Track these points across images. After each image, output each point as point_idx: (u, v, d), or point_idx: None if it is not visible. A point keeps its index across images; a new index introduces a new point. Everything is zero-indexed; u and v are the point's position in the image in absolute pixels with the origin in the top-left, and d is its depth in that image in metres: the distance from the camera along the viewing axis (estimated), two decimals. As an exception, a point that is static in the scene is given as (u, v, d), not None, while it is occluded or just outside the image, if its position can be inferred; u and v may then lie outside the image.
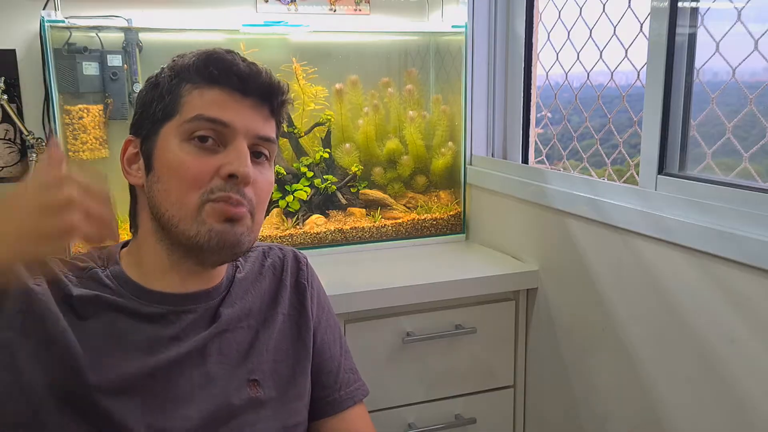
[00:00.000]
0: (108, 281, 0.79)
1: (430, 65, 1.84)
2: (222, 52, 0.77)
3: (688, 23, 1.13)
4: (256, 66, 0.78)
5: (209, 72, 0.75)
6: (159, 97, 0.77)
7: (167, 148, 0.75)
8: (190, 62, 0.77)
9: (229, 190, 0.74)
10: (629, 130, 1.32)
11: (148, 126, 0.77)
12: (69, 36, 1.47)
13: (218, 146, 0.75)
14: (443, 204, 1.78)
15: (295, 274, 0.92)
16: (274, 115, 0.80)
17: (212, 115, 0.74)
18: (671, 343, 1.10)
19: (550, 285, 1.43)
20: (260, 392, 0.82)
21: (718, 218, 1.01)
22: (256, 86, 0.76)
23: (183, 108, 0.75)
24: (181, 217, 0.74)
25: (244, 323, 0.84)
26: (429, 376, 1.42)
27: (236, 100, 0.75)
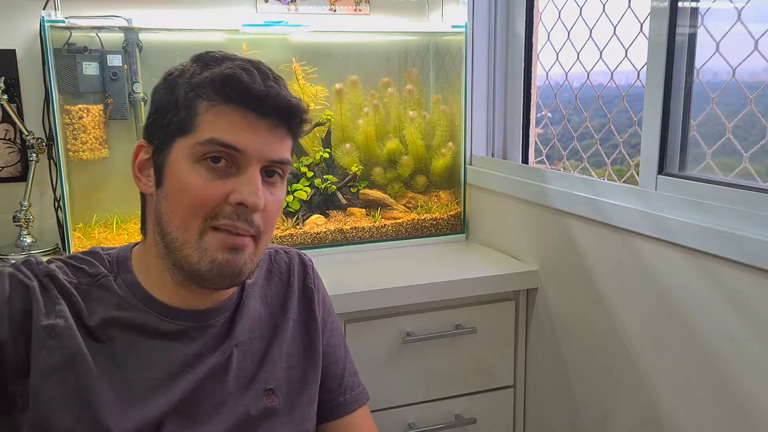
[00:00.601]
0: (120, 291, 0.77)
1: (430, 65, 1.84)
2: (240, 72, 0.73)
3: (688, 23, 1.13)
4: (275, 87, 0.74)
5: (226, 93, 0.73)
6: (174, 108, 0.74)
7: (179, 166, 0.73)
8: (208, 79, 0.73)
9: (236, 219, 0.72)
10: (629, 130, 1.32)
11: (161, 136, 0.75)
12: (69, 36, 1.47)
13: (230, 167, 0.73)
14: (443, 204, 1.78)
15: (302, 278, 0.91)
16: (291, 135, 0.78)
17: (226, 141, 0.72)
18: (671, 343, 1.10)
19: (550, 285, 1.43)
20: (275, 401, 0.82)
21: (718, 218, 1.01)
22: (273, 108, 0.74)
23: (198, 127, 0.73)
24: (184, 240, 0.73)
25: (256, 332, 0.83)
26: (429, 376, 1.42)
27: (251, 123, 0.73)
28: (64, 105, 1.48)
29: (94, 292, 0.76)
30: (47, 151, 1.56)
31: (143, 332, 0.76)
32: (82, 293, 0.76)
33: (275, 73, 0.77)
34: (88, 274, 0.77)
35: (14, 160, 1.59)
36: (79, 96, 1.49)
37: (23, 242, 1.50)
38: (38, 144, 1.53)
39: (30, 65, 1.55)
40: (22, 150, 1.58)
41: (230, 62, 0.75)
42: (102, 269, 0.78)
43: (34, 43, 1.55)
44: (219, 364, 0.78)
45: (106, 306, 0.76)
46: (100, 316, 0.75)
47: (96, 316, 0.75)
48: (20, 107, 1.56)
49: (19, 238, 1.51)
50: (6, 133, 1.57)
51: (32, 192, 1.53)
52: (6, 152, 1.58)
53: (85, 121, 1.49)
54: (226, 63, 0.75)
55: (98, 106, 1.51)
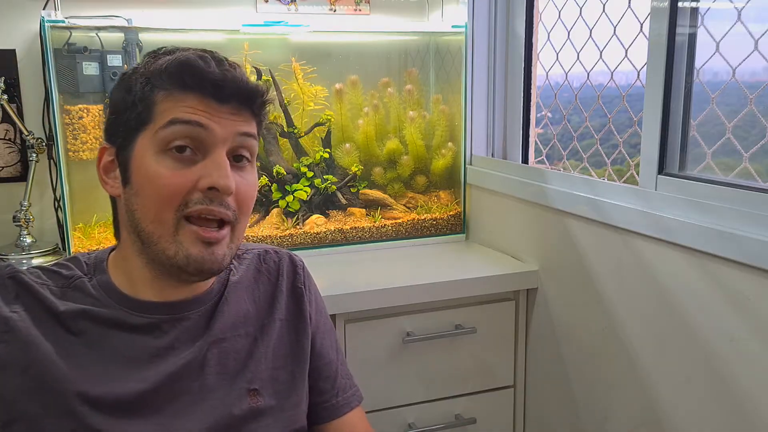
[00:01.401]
0: (94, 291, 0.77)
1: (430, 65, 1.84)
2: (195, 58, 0.72)
3: (688, 23, 1.13)
4: (232, 71, 0.73)
5: (182, 80, 0.71)
6: (132, 104, 0.73)
7: (144, 160, 0.72)
8: (161, 69, 0.72)
9: (209, 203, 0.71)
10: (629, 130, 1.32)
11: (122, 134, 0.74)
12: (69, 36, 1.47)
13: (196, 155, 0.72)
14: (443, 204, 1.78)
15: (292, 279, 0.90)
16: (254, 116, 0.77)
17: (188, 118, 0.71)
18: (671, 343, 1.10)
19: (550, 285, 1.43)
20: (260, 401, 0.81)
21: (718, 218, 1.01)
22: (232, 93, 0.73)
23: (157, 116, 0.72)
24: (160, 234, 0.72)
25: (241, 330, 0.82)
26: (429, 376, 1.42)
27: (212, 107, 0.72)
28: (64, 105, 1.48)
29: (68, 294, 0.76)
30: (47, 151, 1.56)
31: (113, 326, 0.76)
32: (55, 294, 0.76)
33: (231, 61, 0.76)
34: (63, 277, 0.78)
35: (14, 160, 1.59)
36: (79, 96, 1.49)
37: (23, 242, 1.50)
38: (38, 144, 1.53)
39: (30, 65, 1.55)
40: (22, 150, 1.58)
41: (185, 51, 0.74)
42: (77, 272, 0.78)
43: (34, 43, 1.55)
44: (195, 359, 0.78)
45: (78, 303, 0.76)
46: (71, 308, 0.75)
47: (68, 308, 0.75)
48: (20, 107, 1.56)
49: (19, 238, 1.51)
50: (6, 133, 1.57)
51: (32, 192, 1.53)
52: (6, 152, 1.58)
53: (85, 121, 1.49)
54: (180, 52, 0.74)
55: (98, 106, 1.51)
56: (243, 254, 0.89)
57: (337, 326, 1.33)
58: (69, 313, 0.75)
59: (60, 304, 0.75)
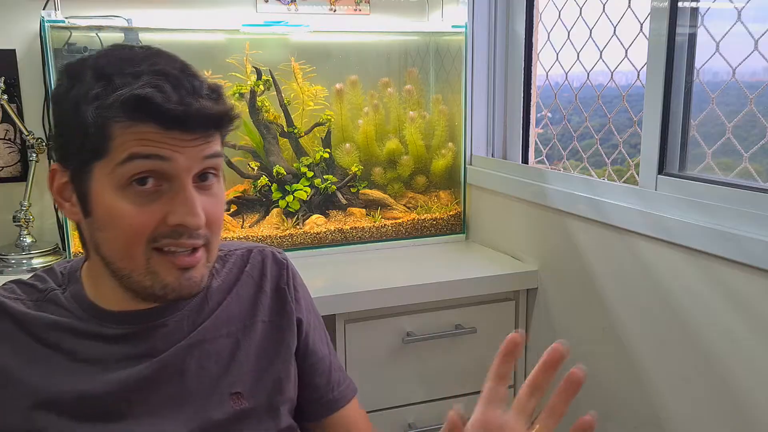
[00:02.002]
0: (67, 303, 0.75)
1: (430, 65, 1.84)
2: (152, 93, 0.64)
3: (688, 23, 1.13)
4: (194, 102, 0.66)
5: (138, 115, 0.65)
6: (83, 130, 0.66)
7: (104, 195, 0.67)
8: (117, 102, 0.65)
9: (177, 237, 0.68)
10: (629, 130, 1.32)
11: (75, 160, 0.68)
12: (69, 36, 1.47)
13: (160, 185, 0.67)
14: (443, 204, 1.78)
15: (276, 279, 0.88)
16: (221, 136, 0.72)
17: (148, 152, 0.65)
18: (671, 343, 1.10)
19: (550, 285, 1.43)
20: (244, 404, 0.79)
21: (718, 218, 1.01)
22: (196, 124, 0.67)
23: (114, 149, 0.65)
24: (132, 268, 0.69)
25: (223, 331, 0.81)
26: (429, 376, 1.42)
27: (175, 137, 0.66)
28: (64, 105, 1.47)
29: (43, 307, 0.75)
30: (47, 151, 1.56)
31: (87, 336, 0.74)
32: (29, 307, 0.75)
33: (191, 71, 0.69)
34: (39, 290, 0.76)
35: (14, 160, 1.59)
36: (79, 96, 1.49)
37: (23, 242, 1.50)
38: (38, 144, 1.53)
39: (30, 65, 1.55)
40: (22, 150, 1.58)
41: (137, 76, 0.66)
42: (52, 284, 0.77)
43: (34, 43, 1.55)
44: (174, 364, 0.76)
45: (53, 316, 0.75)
46: (43, 321, 0.74)
47: (40, 322, 0.74)
48: (20, 107, 1.56)
49: (19, 238, 1.51)
50: (6, 133, 1.57)
51: (32, 192, 1.53)
52: (6, 152, 1.58)
53: (85, 121, 1.49)
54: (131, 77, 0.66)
55: (98, 106, 1.50)
56: (226, 255, 0.87)
57: (337, 326, 1.33)
58: (41, 326, 0.73)
59: (32, 319, 0.74)
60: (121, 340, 0.75)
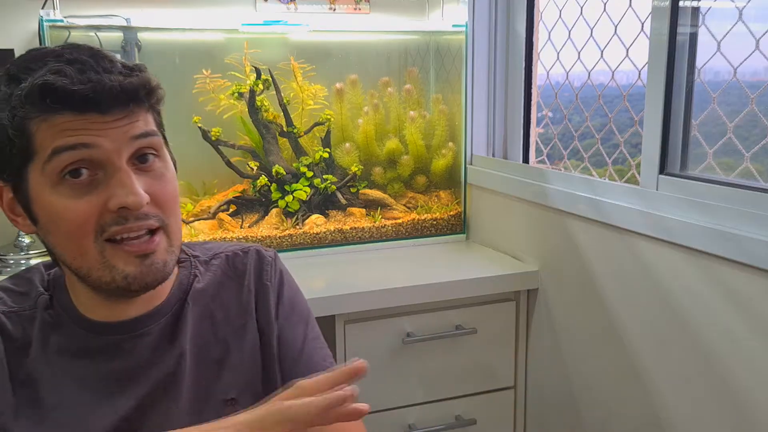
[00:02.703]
0: (54, 312, 0.74)
1: (430, 65, 1.83)
2: (53, 79, 0.63)
3: (689, 22, 1.12)
4: (100, 78, 0.64)
5: (48, 105, 0.63)
6: (8, 139, 0.65)
7: (42, 198, 0.66)
8: (22, 97, 0.64)
9: (124, 221, 0.66)
10: (630, 129, 1.32)
11: (9, 170, 0.67)
12: (68, 36, 1.47)
13: (95, 173, 0.65)
14: (443, 204, 1.77)
15: (259, 276, 0.84)
16: (145, 110, 0.69)
17: (71, 143, 0.63)
18: (672, 344, 1.10)
19: (550, 285, 1.42)
20: (239, 410, 0.76)
21: (719, 218, 1.01)
22: (109, 100, 0.65)
23: (39, 147, 0.64)
24: (89, 266, 0.68)
25: (212, 337, 0.79)
26: (429, 377, 1.42)
27: (94, 120, 0.64)
28: (63, 105, 1.47)
29: (37, 316, 0.74)
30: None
31: (75, 354, 0.73)
32: (24, 320, 0.74)
33: (102, 55, 0.67)
34: (31, 298, 0.75)
35: (13, 160, 1.58)
36: (78, 96, 1.49)
37: (22, 242, 1.50)
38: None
39: (29, 65, 1.55)
40: (21, 150, 1.58)
41: (40, 67, 0.65)
42: (40, 289, 0.76)
43: (32, 42, 1.54)
44: (167, 375, 0.75)
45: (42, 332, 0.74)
46: (35, 347, 0.73)
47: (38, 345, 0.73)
48: (19, 107, 1.56)
49: (17, 239, 1.51)
50: (5, 133, 1.57)
51: (31, 192, 1.53)
52: (5, 152, 1.57)
53: (84, 121, 1.49)
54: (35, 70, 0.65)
55: (97, 106, 1.50)
56: (210, 260, 0.85)
57: (337, 327, 1.33)
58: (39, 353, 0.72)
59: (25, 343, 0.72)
60: (108, 353, 0.74)
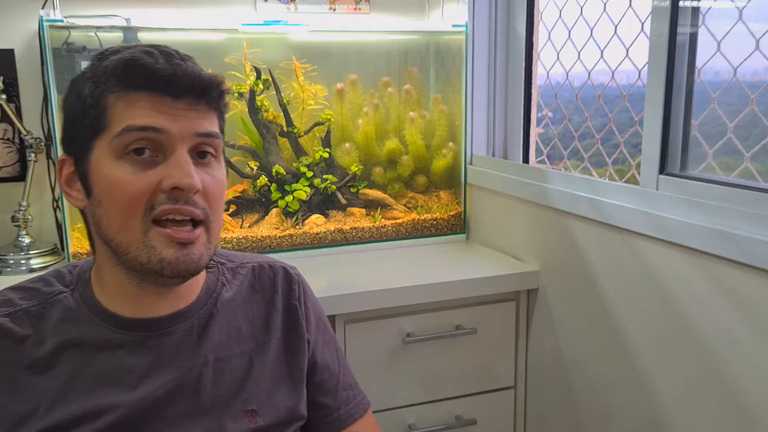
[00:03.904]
0: (74, 305, 0.75)
1: (430, 65, 1.83)
2: (140, 55, 0.69)
3: (689, 22, 1.12)
4: (183, 64, 0.70)
5: (130, 79, 0.69)
6: (83, 111, 0.70)
7: (102, 168, 0.69)
8: (108, 70, 0.70)
9: (174, 202, 0.69)
10: (630, 129, 1.32)
11: (78, 143, 0.72)
12: (68, 35, 1.47)
13: (156, 156, 0.69)
14: (443, 204, 1.77)
15: (287, 296, 0.87)
16: (213, 110, 0.74)
17: (142, 123, 0.68)
18: (672, 344, 1.10)
19: (550, 285, 1.42)
20: (258, 421, 0.79)
21: (719, 218, 1.01)
22: (185, 87, 0.70)
23: (111, 122, 0.69)
24: (129, 242, 0.69)
25: (236, 349, 0.80)
26: (429, 377, 1.42)
27: (166, 104, 0.69)
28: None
29: (47, 312, 0.75)
30: (46, 151, 1.56)
31: (96, 347, 0.73)
32: (32, 319, 0.74)
33: (182, 53, 0.73)
34: (42, 293, 0.76)
35: (13, 160, 1.58)
36: (77, 96, 1.49)
37: (22, 242, 1.50)
38: (37, 144, 1.53)
39: (28, 65, 1.55)
40: (20, 150, 1.58)
41: (128, 49, 0.71)
42: (58, 287, 0.77)
43: (32, 42, 1.54)
44: (189, 381, 0.76)
45: (59, 327, 0.74)
46: (51, 341, 0.73)
47: (47, 343, 0.73)
48: (19, 107, 1.56)
49: (17, 239, 1.51)
50: (4, 132, 1.57)
51: (31, 192, 1.53)
52: (5, 152, 1.57)
53: (84, 121, 1.49)
54: (125, 51, 0.71)
55: (97, 106, 1.50)
56: (237, 268, 0.86)
57: (337, 327, 1.33)
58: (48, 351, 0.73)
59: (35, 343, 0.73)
60: (129, 348, 0.74)
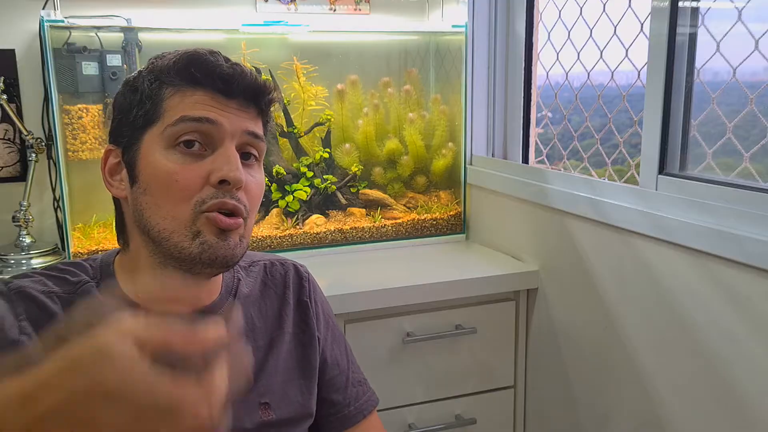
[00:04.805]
0: (101, 297, 0.75)
1: (430, 65, 1.83)
2: (204, 52, 0.72)
3: (688, 23, 1.13)
4: (240, 66, 0.74)
5: (190, 74, 0.72)
6: (139, 102, 0.73)
7: (152, 157, 0.71)
8: (170, 64, 0.73)
9: (222, 195, 0.71)
10: (630, 129, 1.32)
11: (128, 133, 0.74)
12: (68, 36, 1.47)
13: (205, 149, 0.72)
14: (443, 204, 1.78)
15: (298, 292, 0.89)
16: (261, 115, 0.77)
17: (197, 115, 0.71)
18: (671, 343, 1.10)
19: (550, 285, 1.42)
20: (272, 415, 0.80)
21: (718, 218, 1.01)
22: (241, 88, 0.73)
23: (165, 113, 0.72)
24: (173, 229, 0.71)
25: (251, 344, 0.81)
26: (429, 377, 1.42)
27: (220, 102, 0.72)
28: (64, 105, 1.47)
29: (77, 300, 0.74)
30: (46, 151, 1.56)
31: None
32: (64, 302, 0.74)
33: None
34: (70, 283, 0.76)
35: (13, 160, 1.58)
36: (78, 96, 1.49)
37: (22, 242, 1.50)
38: (37, 144, 1.53)
39: (29, 65, 1.55)
40: (21, 150, 1.58)
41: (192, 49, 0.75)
42: (84, 276, 0.77)
43: (33, 42, 1.54)
44: None
45: None
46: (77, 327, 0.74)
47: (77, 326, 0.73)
48: (19, 107, 1.56)
49: (18, 239, 1.51)
50: (5, 133, 1.57)
51: (32, 192, 1.53)
52: (5, 152, 1.58)
53: (85, 121, 1.49)
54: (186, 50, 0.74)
55: (98, 106, 1.50)
56: (250, 266, 0.88)
57: (337, 326, 1.33)
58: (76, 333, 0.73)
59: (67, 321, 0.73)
60: None
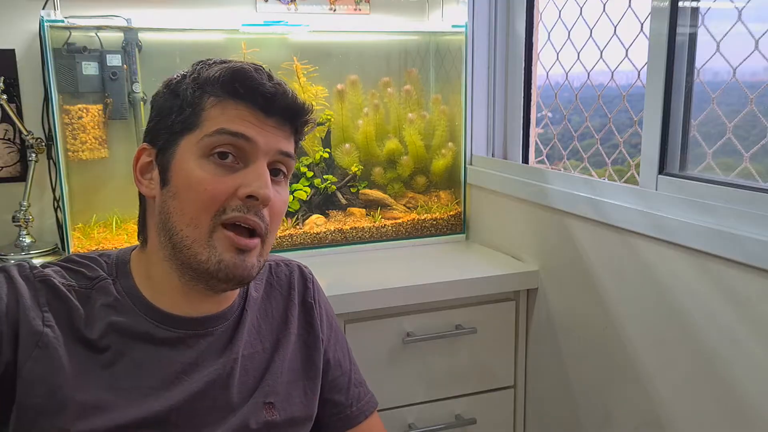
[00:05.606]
0: (118, 295, 0.76)
1: (430, 65, 1.83)
2: (249, 68, 0.74)
3: (688, 23, 1.13)
4: (282, 86, 0.75)
5: (234, 88, 0.73)
6: (179, 107, 0.74)
7: (186, 163, 0.72)
8: (215, 75, 0.73)
9: (246, 211, 0.72)
10: (630, 129, 1.32)
11: (165, 136, 0.75)
12: (68, 36, 1.47)
13: (237, 163, 0.73)
14: (443, 204, 1.78)
15: (302, 293, 0.90)
16: (294, 135, 0.78)
17: (235, 129, 0.72)
18: (671, 343, 1.10)
19: (550, 285, 1.42)
20: (275, 415, 0.81)
21: (718, 218, 1.01)
22: (280, 107, 0.74)
23: (204, 122, 0.73)
24: (194, 238, 0.72)
25: (258, 346, 0.83)
26: (429, 377, 1.42)
27: (259, 119, 0.73)
28: (64, 105, 1.48)
29: (93, 296, 0.75)
30: (47, 151, 1.56)
31: (138, 338, 0.74)
32: (81, 297, 0.74)
33: None
34: (87, 277, 0.76)
35: (14, 160, 1.58)
36: (78, 96, 1.49)
37: (23, 242, 1.50)
38: (38, 144, 1.53)
39: (29, 65, 1.55)
40: (21, 150, 1.58)
41: (236, 62, 0.76)
42: (101, 272, 0.77)
43: (33, 42, 1.54)
44: (221, 377, 0.77)
45: (104, 311, 0.74)
46: (99, 325, 0.73)
47: (96, 326, 0.73)
48: (20, 107, 1.56)
49: (18, 238, 1.51)
50: (5, 133, 1.57)
51: (32, 192, 1.53)
52: (5, 152, 1.58)
53: (85, 121, 1.49)
54: (231, 62, 0.76)
55: (98, 106, 1.51)
56: None
57: (337, 326, 1.33)
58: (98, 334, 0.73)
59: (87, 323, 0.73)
60: (171, 344, 0.76)
